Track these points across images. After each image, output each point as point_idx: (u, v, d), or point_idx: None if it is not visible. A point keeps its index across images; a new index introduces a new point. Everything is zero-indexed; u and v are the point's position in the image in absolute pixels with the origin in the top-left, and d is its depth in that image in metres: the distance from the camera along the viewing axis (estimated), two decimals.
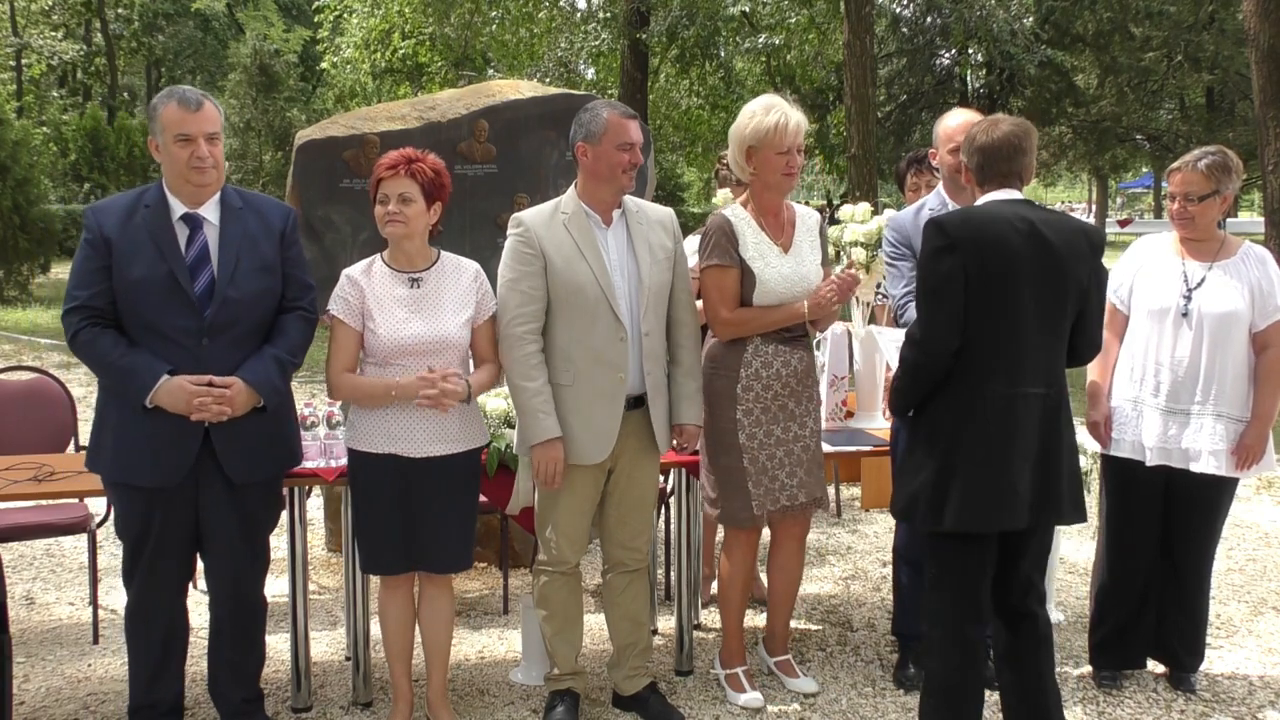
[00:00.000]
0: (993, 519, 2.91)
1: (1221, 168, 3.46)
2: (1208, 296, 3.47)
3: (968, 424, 2.89)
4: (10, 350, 11.49)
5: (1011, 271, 2.85)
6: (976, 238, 2.85)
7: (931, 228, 2.90)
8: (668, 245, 3.39)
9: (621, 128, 3.23)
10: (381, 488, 3.16)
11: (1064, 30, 18.62)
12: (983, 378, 2.88)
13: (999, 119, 3.05)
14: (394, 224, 3.13)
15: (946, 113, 3.75)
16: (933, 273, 2.88)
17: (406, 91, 20.42)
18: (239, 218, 3.10)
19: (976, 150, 3.02)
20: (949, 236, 2.86)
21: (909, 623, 3.79)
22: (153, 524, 3.04)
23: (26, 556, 5.09)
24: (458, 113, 5.12)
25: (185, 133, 2.97)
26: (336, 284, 3.21)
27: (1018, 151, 2.98)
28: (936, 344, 2.88)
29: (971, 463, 2.89)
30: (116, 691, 3.65)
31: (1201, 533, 3.62)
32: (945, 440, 2.92)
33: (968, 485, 2.89)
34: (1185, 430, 3.49)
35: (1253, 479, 6.51)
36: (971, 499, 2.88)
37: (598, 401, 3.25)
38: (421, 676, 3.48)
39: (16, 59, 29.02)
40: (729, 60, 20.61)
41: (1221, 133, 19.72)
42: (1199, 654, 3.74)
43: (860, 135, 13.05)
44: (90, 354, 2.98)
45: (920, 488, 2.95)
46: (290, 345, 3.14)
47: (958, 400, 2.91)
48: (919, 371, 2.94)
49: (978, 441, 2.89)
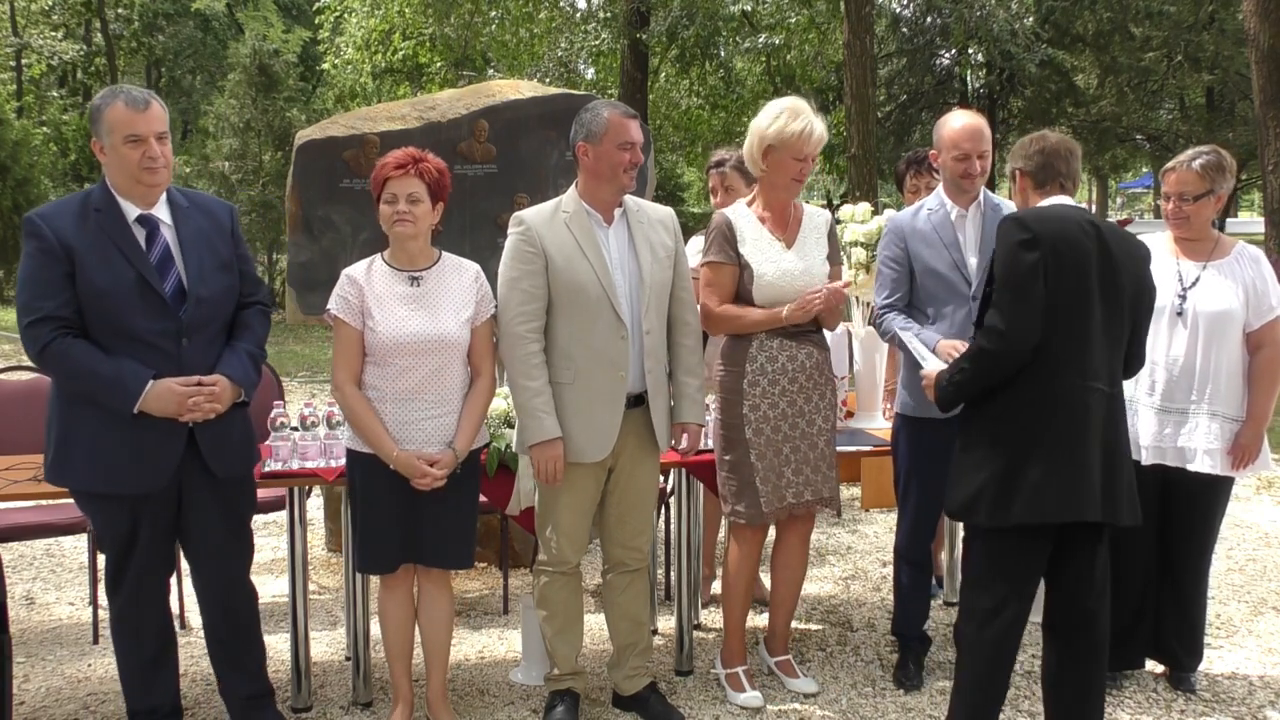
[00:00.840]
0: (1068, 508, 2.88)
1: (1216, 167, 3.47)
2: (1202, 296, 3.48)
3: (1042, 416, 2.88)
4: (10, 350, 11.49)
5: (1085, 270, 2.89)
6: (1055, 234, 2.88)
7: (1012, 223, 2.91)
8: (668, 244, 3.39)
9: (622, 127, 3.24)
10: (382, 488, 3.16)
11: (1064, 30, 18.62)
12: (1054, 371, 2.88)
13: (1046, 133, 3.13)
14: (403, 224, 3.13)
15: (947, 114, 3.74)
16: (1017, 266, 2.87)
17: (406, 92, 20.42)
18: (189, 217, 3.08)
19: (1037, 152, 3.05)
20: (1031, 231, 2.87)
21: (909, 623, 3.79)
22: (138, 531, 3.02)
23: (26, 556, 5.09)
24: (458, 113, 5.12)
25: (135, 133, 2.90)
26: (336, 284, 3.21)
27: (1073, 155, 3.07)
28: (1021, 336, 2.85)
29: (1046, 454, 2.87)
30: (116, 691, 3.64)
31: (1199, 532, 3.62)
32: (1016, 434, 2.90)
33: (1043, 475, 2.86)
34: (1181, 429, 3.50)
35: (1252, 479, 6.51)
36: (1046, 489, 2.87)
37: (598, 400, 3.25)
38: (421, 677, 3.48)
39: (16, 59, 28.99)
40: (729, 60, 20.62)
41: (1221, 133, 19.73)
42: (1198, 654, 3.74)
43: (860, 135, 13.06)
44: (64, 365, 2.89)
45: (986, 482, 2.92)
46: (258, 339, 3.16)
47: (1031, 393, 2.89)
48: (998, 363, 2.90)
49: (1052, 433, 2.88)
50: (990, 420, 2.97)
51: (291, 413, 3.63)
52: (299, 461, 3.51)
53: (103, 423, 2.92)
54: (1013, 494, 2.88)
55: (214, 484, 3.07)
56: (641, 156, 3.30)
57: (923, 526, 3.73)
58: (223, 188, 15.76)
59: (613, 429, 3.27)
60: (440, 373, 3.17)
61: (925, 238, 3.60)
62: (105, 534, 3.07)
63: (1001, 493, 2.90)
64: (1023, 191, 3.12)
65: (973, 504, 2.96)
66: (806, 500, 3.53)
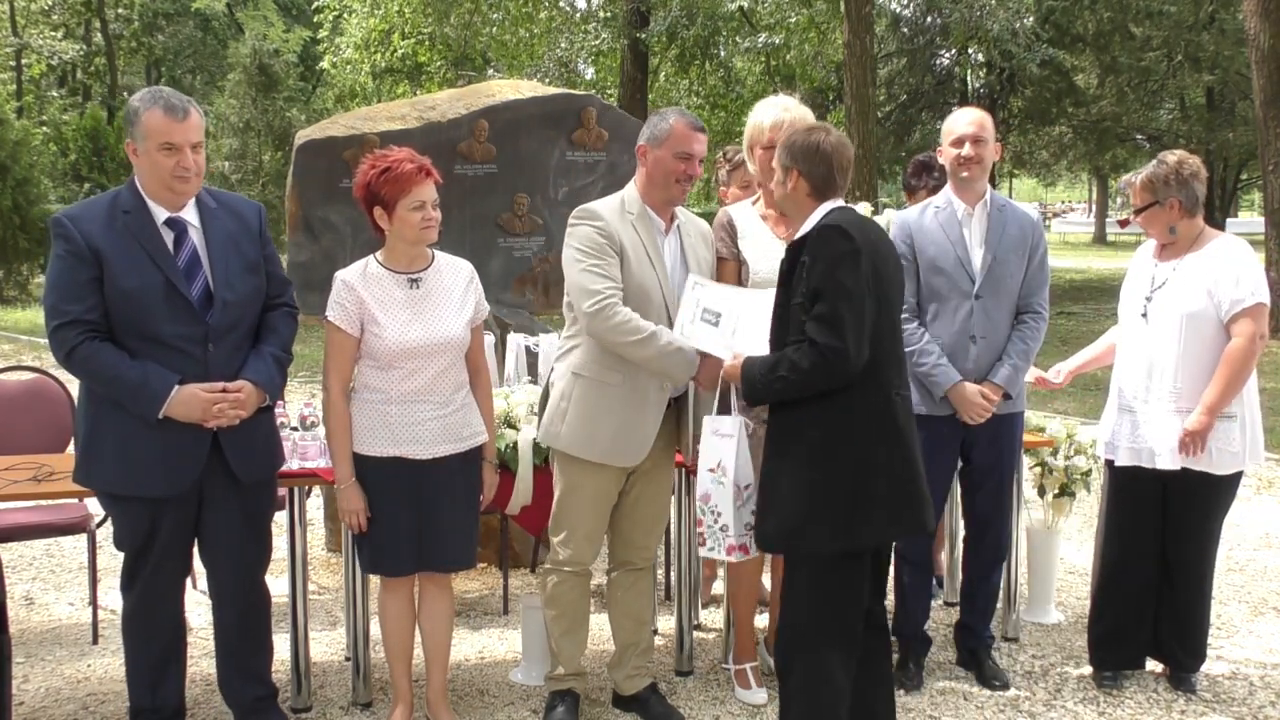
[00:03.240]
0: (917, 522, 2.80)
1: (1161, 180, 3.52)
2: (1166, 297, 3.52)
3: (880, 431, 2.77)
4: (10, 350, 11.49)
5: (892, 275, 2.86)
6: (873, 242, 2.80)
7: (835, 233, 2.75)
8: (708, 258, 3.43)
9: (686, 138, 3.23)
10: (390, 490, 3.15)
11: (1064, 30, 18.60)
12: (878, 381, 2.78)
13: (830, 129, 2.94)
14: (431, 229, 3.13)
15: (956, 110, 3.78)
16: (849, 277, 2.71)
17: (406, 91, 20.41)
18: (217, 218, 3.07)
19: (821, 160, 2.86)
20: (855, 240, 2.74)
21: (910, 622, 3.79)
22: (158, 533, 3.02)
23: (26, 556, 5.09)
24: (458, 113, 5.11)
25: (171, 141, 2.90)
26: (332, 288, 3.19)
27: (851, 162, 2.96)
28: (861, 351, 2.71)
29: (889, 470, 2.76)
30: (116, 692, 3.64)
31: (1199, 533, 3.61)
32: (855, 453, 2.75)
33: (892, 493, 2.76)
34: (1151, 429, 3.52)
35: (1252, 479, 6.51)
36: (898, 505, 2.77)
37: (643, 406, 3.24)
38: (421, 677, 3.48)
39: (16, 59, 28.98)
40: (729, 60, 20.61)
41: (1221, 133, 19.73)
42: (1199, 655, 3.73)
43: (860, 135, 13.05)
44: (90, 369, 2.90)
45: (830, 504, 2.74)
46: (283, 342, 3.16)
47: (852, 404, 2.75)
48: (832, 380, 2.72)
49: (892, 447, 2.77)
50: (814, 436, 2.77)
51: (291, 413, 3.63)
52: (299, 461, 3.51)
53: (130, 425, 2.93)
54: (853, 514, 2.73)
55: (237, 487, 3.08)
56: (699, 170, 3.28)
57: None
58: (222, 188, 15.78)
59: (650, 436, 3.26)
60: (444, 374, 3.17)
61: (931, 235, 3.62)
62: (124, 533, 3.07)
63: (843, 513, 2.73)
64: (795, 191, 2.92)
65: (802, 528, 2.76)
66: None
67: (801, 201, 2.91)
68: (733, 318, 3.08)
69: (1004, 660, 3.94)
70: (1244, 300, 3.42)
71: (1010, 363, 3.59)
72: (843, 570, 2.81)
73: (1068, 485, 4.31)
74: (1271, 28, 12.27)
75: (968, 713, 3.56)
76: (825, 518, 2.75)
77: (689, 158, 3.23)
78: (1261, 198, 15.72)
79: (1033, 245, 3.65)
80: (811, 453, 2.78)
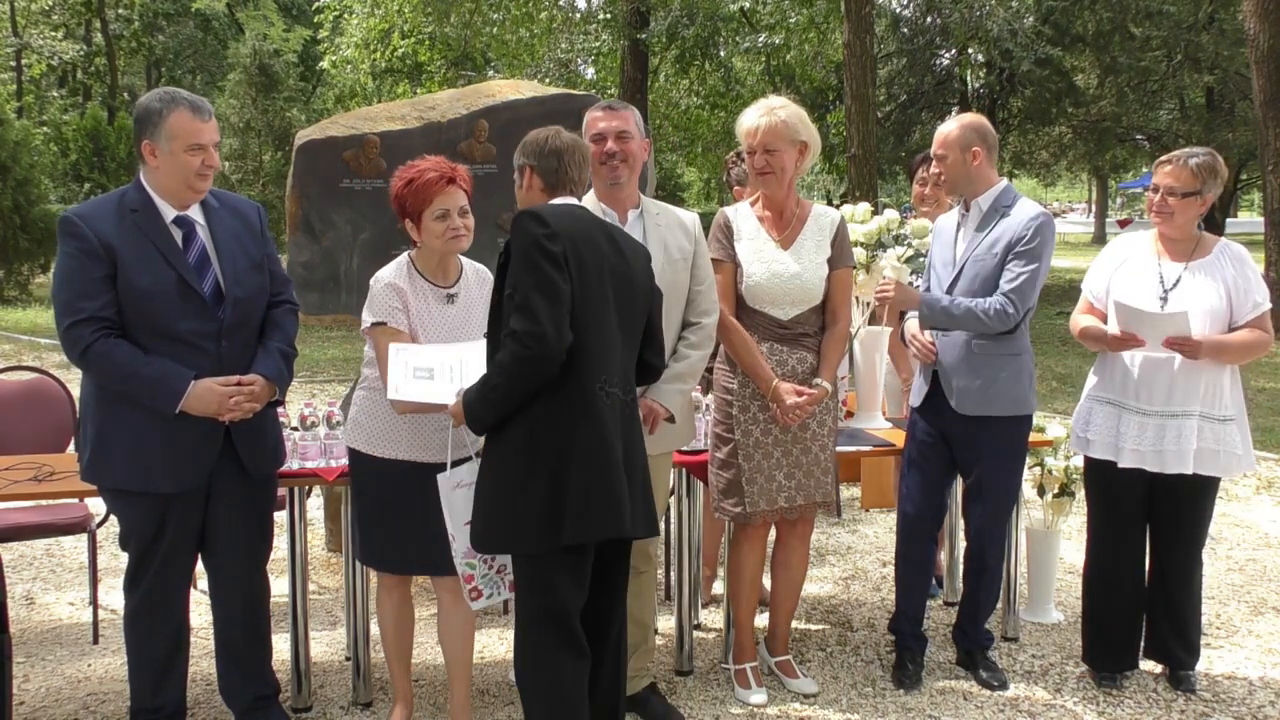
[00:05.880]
0: (614, 523, 2.71)
1: (1209, 170, 3.47)
2: (1184, 296, 3.47)
3: (581, 424, 2.69)
4: (10, 350, 11.49)
5: (601, 270, 2.77)
6: (573, 231, 2.74)
7: (528, 218, 2.71)
8: (686, 247, 3.39)
9: (590, 122, 3.30)
10: (402, 491, 3.15)
11: (1064, 30, 18.59)
12: (581, 377, 2.70)
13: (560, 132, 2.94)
14: (460, 238, 3.12)
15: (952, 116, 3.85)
16: (542, 262, 2.65)
17: (406, 91, 20.42)
18: (221, 217, 3.11)
19: (552, 153, 2.88)
20: (549, 225, 2.68)
21: (907, 618, 3.79)
22: (166, 529, 3.04)
23: (26, 556, 5.09)
24: (458, 113, 5.12)
25: (199, 142, 2.94)
26: (371, 292, 3.13)
27: (586, 161, 2.97)
28: (560, 335, 2.63)
29: (588, 465, 2.68)
30: (116, 691, 3.65)
31: (1187, 532, 3.61)
32: (556, 444, 2.69)
33: (591, 489, 2.67)
34: (1164, 432, 3.47)
35: (1252, 479, 6.51)
36: (597, 503, 2.68)
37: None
38: (421, 677, 3.49)
39: (16, 59, 29.00)
40: (729, 60, 20.62)
41: (1221, 133, 19.70)
42: (1194, 652, 3.74)
43: (860, 135, 13.04)
44: (107, 367, 2.91)
45: (532, 503, 2.67)
46: (288, 338, 3.19)
47: (558, 402, 2.70)
48: (536, 370, 2.64)
49: (584, 445, 2.69)
50: (524, 432, 2.71)
51: (291, 413, 3.63)
52: (299, 461, 3.51)
53: (142, 422, 2.95)
54: (561, 511, 2.66)
55: (246, 482, 3.11)
56: (618, 146, 3.27)
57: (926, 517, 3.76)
58: (223, 188, 15.79)
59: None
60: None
61: (940, 235, 3.78)
62: (131, 532, 3.08)
63: (552, 511, 2.67)
64: (530, 189, 2.95)
65: (522, 530, 2.70)
66: (799, 504, 3.53)
67: (536, 198, 2.93)
68: (446, 368, 3.00)
69: (1003, 660, 3.95)
70: (1262, 305, 3.47)
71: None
72: (547, 567, 2.74)
73: (1068, 485, 4.32)
74: (1271, 28, 12.27)
75: (967, 712, 3.57)
76: (527, 515, 2.69)
77: (600, 138, 3.27)
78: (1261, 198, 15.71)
79: (1010, 242, 3.51)
80: (515, 450, 2.73)
